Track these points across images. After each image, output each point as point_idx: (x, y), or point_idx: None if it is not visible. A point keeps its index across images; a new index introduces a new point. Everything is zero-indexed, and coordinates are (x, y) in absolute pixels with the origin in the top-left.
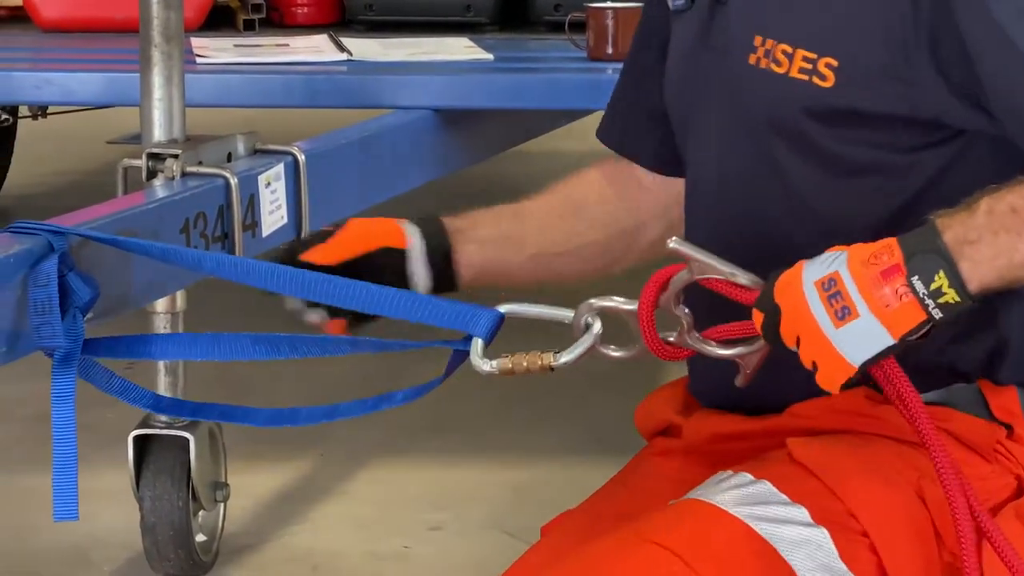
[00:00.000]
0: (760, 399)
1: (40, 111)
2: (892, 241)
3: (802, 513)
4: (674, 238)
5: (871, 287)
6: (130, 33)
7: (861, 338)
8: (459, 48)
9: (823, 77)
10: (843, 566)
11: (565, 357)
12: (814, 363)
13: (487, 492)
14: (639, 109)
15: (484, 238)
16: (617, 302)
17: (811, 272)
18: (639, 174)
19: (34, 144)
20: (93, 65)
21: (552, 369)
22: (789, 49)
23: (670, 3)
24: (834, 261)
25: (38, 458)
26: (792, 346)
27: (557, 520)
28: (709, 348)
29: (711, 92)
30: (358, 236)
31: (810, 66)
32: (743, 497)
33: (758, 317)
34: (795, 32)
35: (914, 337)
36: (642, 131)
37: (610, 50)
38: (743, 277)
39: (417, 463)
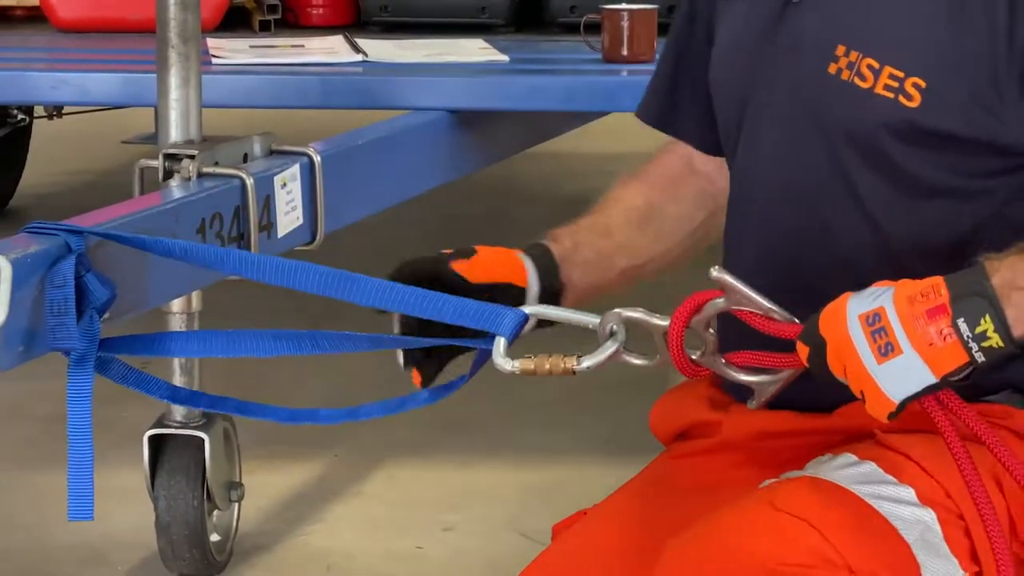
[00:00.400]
0: (810, 398)
1: (56, 111)
2: (939, 280)
3: (910, 494)
4: (716, 268)
5: (915, 325)
6: (146, 34)
7: (903, 375)
8: (474, 49)
9: (910, 97)
10: (947, 549)
11: (588, 362)
12: (862, 392)
13: (501, 493)
14: (684, 88)
15: (585, 261)
16: (645, 314)
17: (856, 305)
18: (691, 159)
19: (49, 144)
20: (109, 65)
21: (574, 373)
22: (875, 64)
23: None
24: (880, 296)
25: (54, 457)
26: (841, 376)
27: (570, 519)
28: (732, 372)
29: (774, 90)
30: (493, 263)
31: (897, 84)
32: (855, 476)
33: (803, 350)
34: (882, 47)
35: (956, 378)
36: (687, 111)
37: (625, 52)
38: (779, 315)
39: (431, 464)
